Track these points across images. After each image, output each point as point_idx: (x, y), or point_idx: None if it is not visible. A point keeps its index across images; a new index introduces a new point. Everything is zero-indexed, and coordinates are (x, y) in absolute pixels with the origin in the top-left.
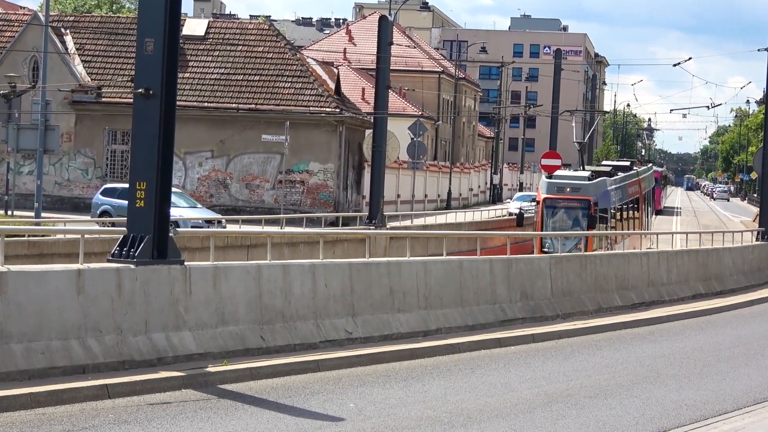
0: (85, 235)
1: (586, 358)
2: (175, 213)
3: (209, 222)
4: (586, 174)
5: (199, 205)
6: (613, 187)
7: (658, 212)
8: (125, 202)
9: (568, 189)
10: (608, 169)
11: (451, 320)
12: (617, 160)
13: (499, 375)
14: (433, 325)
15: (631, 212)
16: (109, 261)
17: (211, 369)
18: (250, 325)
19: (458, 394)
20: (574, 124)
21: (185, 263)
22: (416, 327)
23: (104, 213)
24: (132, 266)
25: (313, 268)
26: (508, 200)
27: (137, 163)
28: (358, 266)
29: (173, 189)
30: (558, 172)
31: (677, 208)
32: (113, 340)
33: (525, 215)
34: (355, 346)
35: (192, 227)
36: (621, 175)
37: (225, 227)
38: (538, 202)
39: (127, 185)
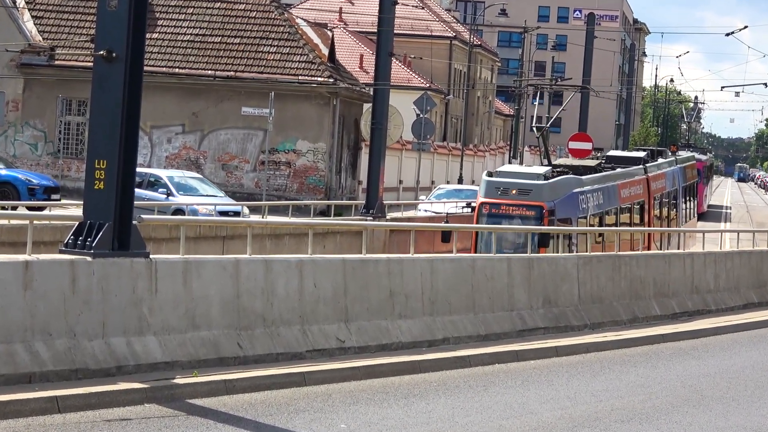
0: (35, 222)
1: (617, 376)
2: (208, 203)
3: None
4: (542, 171)
5: (222, 193)
6: (588, 189)
7: (701, 216)
8: None
9: (513, 191)
10: (593, 163)
11: (461, 329)
12: (637, 150)
13: (516, 394)
14: (440, 333)
15: (629, 222)
16: (61, 252)
17: (179, 380)
18: (225, 330)
19: (468, 415)
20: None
21: (151, 256)
22: (420, 336)
23: None
24: (88, 258)
25: (301, 264)
26: (422, 198)
27: (96, 137)
28: (352, 263)
29: (194, 175)
30: (504, 168)
31: (726, 208)
32: (65, 344)
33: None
34: (348, 356)
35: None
36: (609, 172)
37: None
38: (473, 208)
39: None
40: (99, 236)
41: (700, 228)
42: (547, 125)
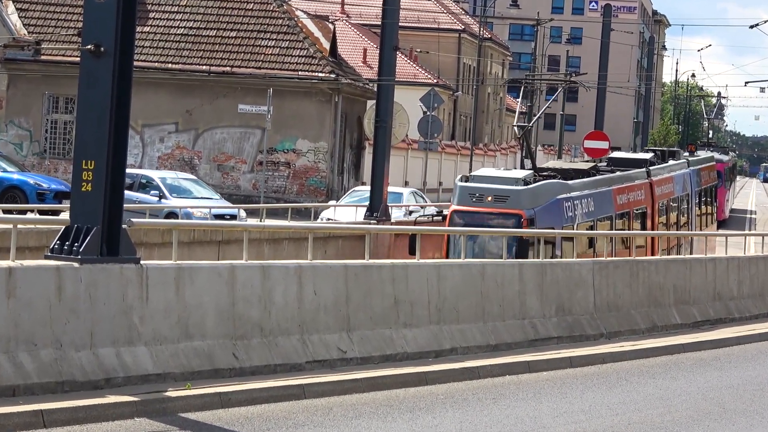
0: (18, 225)
1: (635, 388)
2: (203, 205)
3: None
4: (522, 175)
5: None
6: (575, 195)
7: (722, 224)
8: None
9: (489, 197)
10: (586, 166)
11: (470, 338)
12: (647, 150)
13: (528, 407)
14: (447, 343)
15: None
16: (47, 257)
17: (172, 393)
18: (220, 340)
19: (476, 430)
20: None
21: (141, 262)
22: (426, 346)
23: None
24: (75, 264)
25: (300, 270)
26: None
27: (84, 137)
28: (355, 269)
29: (187, 176)
30: (480, 171)
31: (751, 213)
32: (51, 355)
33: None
34: (350, 368)
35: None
36: (602, 176)
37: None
38: (444, 217)
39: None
40: (86, 241)
41: (716, 233)
42: (531, 124)
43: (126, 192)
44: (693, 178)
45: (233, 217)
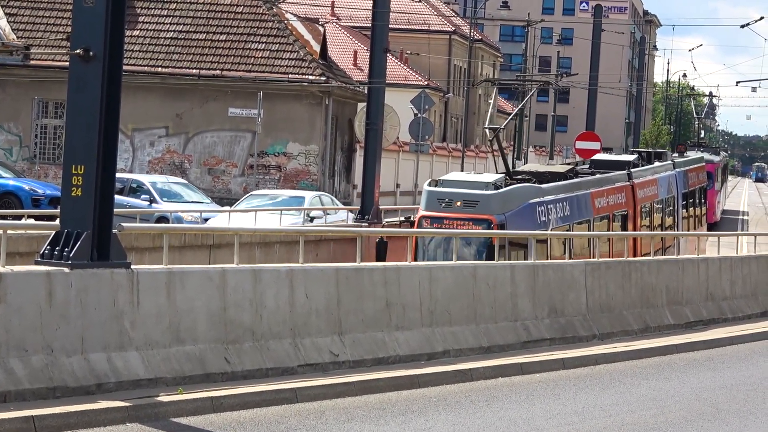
0: (8, 231)
1: (628, 389)
2: (193, 209)
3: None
4: (493, 179)
5: (209, 199)
6: (550, 199)
7: (713, 226)
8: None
9: (458, 202)
10: (563, 169)
11: (462, 341)
12: (633, 152)
13: (521, 409)
14: (440, 346)
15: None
16: (37, 263)
17: (163, 398)
18: (212, 344)
19: None
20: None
21: (132, 267)
22: (418, 348)
23: None
24: (66, 270)
25: (291, 274)
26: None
27: (73, 141)
28: (346, 272)
29: (178, 180)
30: (450, 176)
31: (743, 214)
32: (42, 361)
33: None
34: (343, 371)
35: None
36: (579, 179)
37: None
38: (412, 223)
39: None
40: (77, 246)
41: (705, 232)
42: (503, 126)
43: (116, 197)
44: (679, 180)
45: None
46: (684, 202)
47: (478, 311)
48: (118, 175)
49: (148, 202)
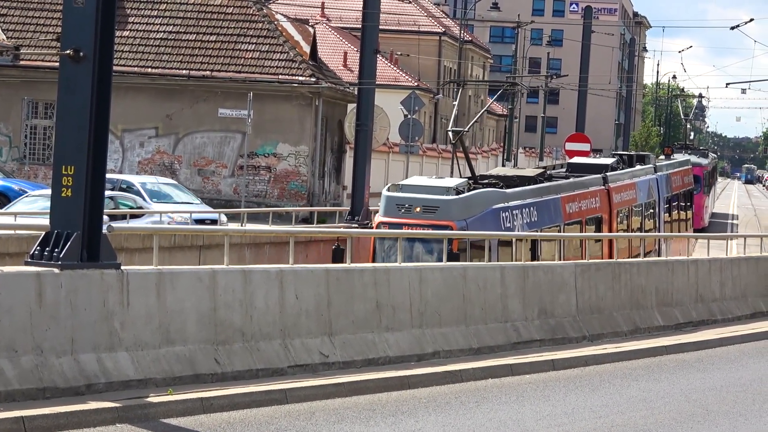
0: None
1: (618, 391)
2: (183, 210)
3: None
4: (454, 183)
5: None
6: (515, 204)
7: (700, 232)
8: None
9: (417, 208)
10: (533, 173)
11: (452, 341)
12: (615, 154)
13: (511, 410)
14: (430, 347)
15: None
16: (27, 263)
17: (153, 399)
18: (201, 345)
19: None
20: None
21: (122, 267)
22: (408, 349)
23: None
24: (56, 270)
25: (281, 275)
26: None
27: (63, 142)
28: (336, 274)
29: (168, 181)
30: (410, 180)
31: (733, 217)
32: (31, 361)
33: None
34: (333, 372)
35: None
36: (548, 184)
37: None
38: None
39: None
40: (67, 247)
41: (693, 235)
42: (467, 129)
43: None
44: (661, 184)
45: (214, 221)
46: (667, 206)
47: (468, 312)
48: (108, 175)
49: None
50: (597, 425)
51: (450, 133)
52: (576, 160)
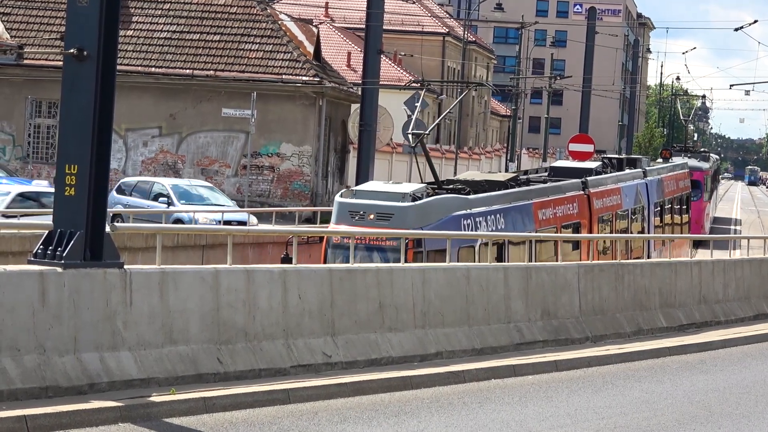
0: (1, 230)
1: (621, 392)
2: (209, 210)
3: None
4: (411, 189)
5: (232, 202)
6: (479, 211)
7: (700, 241)
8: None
9: (371, 215)
10: (503, 178)
11: (455, 342)
12: (610, 157)
13: (514, 411)
14: (432, 347)
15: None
16: (30, 262)
17: (156, 398)
18: (204, 344)
19: None
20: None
21: (125, 267)
22: (411, 350)
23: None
24: (59, 269)
25: (284, 275)
26: None
27: (67, 141)
28: (340, 274)
29: (203, 183)
30: (366, 186)
31: (736, 222)
32: (34, 360)
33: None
34: (335, 372)
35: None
36: (518, 189)
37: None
38: (321, 239)
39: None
40: (70, 246)
41: (682, 235)
42: (428, 131)
43: (137, 200)
44: (651, 189)
45: (241, 223)
46: (658, 212)
47: (471, 313)
48: (142, 179)
49: (167, 205)
50: (600, 426)
51: (410, 137)
52: (559, 163)
